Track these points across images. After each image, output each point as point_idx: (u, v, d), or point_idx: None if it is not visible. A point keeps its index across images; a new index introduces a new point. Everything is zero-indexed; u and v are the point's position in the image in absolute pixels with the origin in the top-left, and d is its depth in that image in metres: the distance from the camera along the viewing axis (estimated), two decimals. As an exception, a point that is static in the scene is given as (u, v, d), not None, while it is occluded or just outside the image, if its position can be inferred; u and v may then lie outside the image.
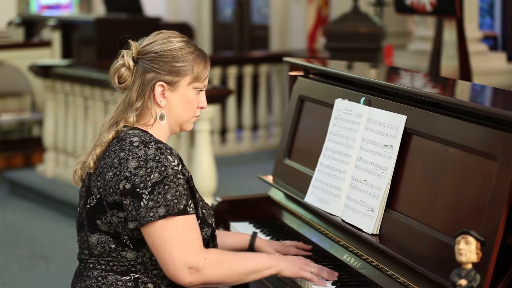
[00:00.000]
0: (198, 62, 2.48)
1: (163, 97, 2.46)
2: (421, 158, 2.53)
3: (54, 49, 8.93)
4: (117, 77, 2.49)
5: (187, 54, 2.47)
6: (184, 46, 2.48)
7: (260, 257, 2.53)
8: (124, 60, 2.48)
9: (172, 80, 2.45)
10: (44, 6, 13.78)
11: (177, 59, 2.45)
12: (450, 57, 6.59)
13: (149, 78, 2.45)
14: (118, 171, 2.34)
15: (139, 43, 2.50)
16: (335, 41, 6.93)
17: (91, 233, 2.42)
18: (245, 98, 8.29)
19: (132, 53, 2.48)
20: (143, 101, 2.45)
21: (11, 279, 5.34)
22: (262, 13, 10.58)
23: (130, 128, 2.44)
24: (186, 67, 2.46)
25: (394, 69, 3.76)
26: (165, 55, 2.45)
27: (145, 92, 2.45)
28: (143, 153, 2.34)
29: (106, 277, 2.40)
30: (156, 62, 2.45)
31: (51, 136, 7.46)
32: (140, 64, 2.47)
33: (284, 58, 3.50)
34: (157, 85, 2.44)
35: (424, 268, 2.31)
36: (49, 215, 6.83)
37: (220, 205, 3.24)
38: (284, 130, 3.32)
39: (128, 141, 2.39)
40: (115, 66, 2.49)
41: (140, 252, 2.39)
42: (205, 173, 5.83)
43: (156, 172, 2.31)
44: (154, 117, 2.46)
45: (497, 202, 2.16)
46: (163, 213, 2.30)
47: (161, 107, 2.47)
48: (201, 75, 2.49)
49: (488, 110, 2.33)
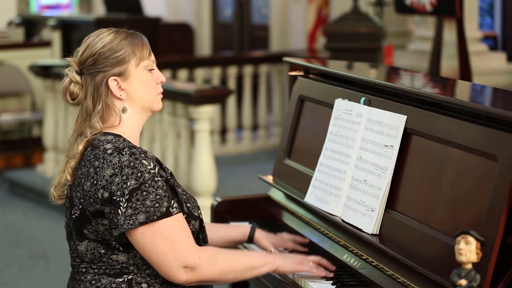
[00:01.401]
0: (135, 43, 2.47)
1: (121, 89, 2.45)
2: (421, 158, 2.53)
3: (54, 49, 8.94)
4: (69, 95, 2.49)
5: (121, 41, 2.45)
6: (115, 35, 2.47)
7: (255, 254, 2.54)
8: (69, 77, 2.49)
9: (120, 70, 2.44)
10: (44, 6, 13.77)
11: (114, 50, 2.44)
12: (450, 57, 6.58)
13: (99, 79, 2.45)
14: (95, 180, 2.34)
15: (75, 56, 2.51)
16: (335, 41, 6.93)
17: (79, 241, 2.42)
18: (245, 98, 8.29)
19: (74, 68, 2.49)
20: (103, 102, 2.44)
21: (11, 279, 5.34)
22: (262, 13, 10.57)
23: (103, 134, 2.43)
24: (126, 52, 2.44)
25: (394, 69, 3.76)
26: (102, 52, 2.44)
27: (101, 94, 2.44)
28: (117, 160, 2.33)
29: (99, 280, 2.40)
30: (98, 63, 2.44)
31: (51, 136, 7.46)
32: (85, 74, 2.47)
33: (284, 58, 3.50)
34: (110, 81, 2.44)
35: (424, 268, 2.31)
36: (49, 215, 6.83)
37: (220, 205, 3.24)
38: (284, 130, 3.32)
39: (102, 149, 2.38)
40: (64, 85, 2.50)
41: (131, 253, 2.39)
42: (205, 173, 5.83)
43: (133, 179, 2.31)
44: (119, 114, 2.46)
45: (497, 202, 2.16)
46: (143, 220, 2.30)
47: (122, 100, 2.46)
48: (143, 53, 2.47)
49: (488, 110, 2.33)
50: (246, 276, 2.49)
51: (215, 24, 11.21)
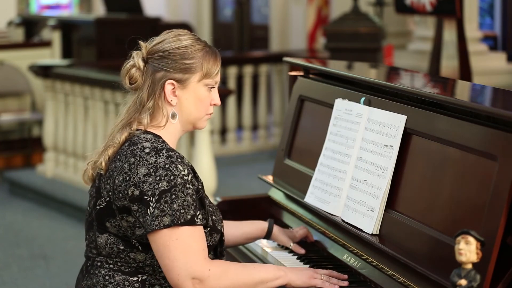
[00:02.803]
0: (208, 58, 2.47)
1: (174, 95, 2.45)
2: (421, 158, 2.53)
3: (54, 49, 8.94)
4: (128, 78, 2.48)
5: (196, 51, 2.46)
6: (193, 43, 2.47)
7: (267, 268, 2.48)
8: (134, 61, 2.47)
9: (182, 77, 2.44)
10: (44, 6, 13.78)
11: (186, 56, 2.44)
12: (450, 57, 6.59)
13: (159, 77, 2.44)
14: (128, 177, 2.33)
15: (149, 43, 2.50)
16: (335, 41, 6.93)
17: (100, 233, 2.41)
18: (245, 98, 8.29)
19: (142, 53, 2.47)
20: (154, 101, 2.44)
21: (11, 279, 5.34)
22: (262, 13, 10.58)
23: (143, 132, 2.43)
24: (196, 64, 2.44)
25: (394, 69, 3.76)
26: (174, 53, 2.44)
27: (156, 91, 2.44)
28: (154, 160, 2.33)
29: (113, 276, 2.39)
30: (165, 61, 2.44)
31: (51, 136, 7.46)
32: (150, 64, 2.46)
33: (284, 58, 3.50)
34: (167, 84, 2.43)
35: (424, 268, 2.31)
36: (49, 215, 6.83)
37: (220, 205, 3.25)
38: (284, 130, 3.32)
39: (140, 146, 2.37)
40: (126, 67, 2.49)
41: (149, 254, 2.37)
42: (205, 173, 5.83)
43: (165, 181, 2.30)
44: (166, 117, 2.45)
45: (497, 202, 2.16)
46: (168, 222, 2.28)
47: (172, 106, 2.45)
48: (211, 71, 2.47)
49: (488, 110, 2.33)
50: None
51: (215, 24, 11.22)
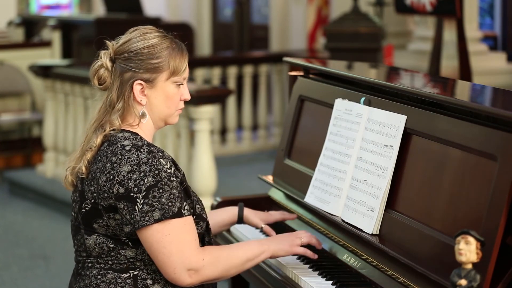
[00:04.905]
0: (174, 56, 2.46)
1: (143, 95, 2.45)
2: (421, 158, 2.53)
3: (54, 49, 8.93)
4: (96, 78, 2.49)
5: (162, 50, 2.44)
6: (159, 41, 2.45)
7: (250, 245, 2.55)
8: (102, 61, 2.47)
9: (149, 77, 2.44)
10: (44, 6, 13.78)
11: (152, 56, 2.43)
12: (450, 57, 6.58)
13: (127, 77, 2.44)
14: (111, 176, 2.34)
15: (115, 42, 2.49)
16: (335, 41, 6.93)
17: (88, 235, 2.42)
18: (245, 98, 8.29)
19: (109, 53, 2.47)
20: (124, 101, 2.45)
21: (11, 279, 5.34)
22: (262, 13, 10.57)
23: (120, 131, 2.44)
24: (162, 62, 2.44)
25: (394, 69, 3.76)
26: (140, 53, 2.43)
27: (125, 92, 2.44)
28: (136, 157, 2.34)
29: (105, 275, 2.40)
30: (132, 61, 2.43)
31: (51, 136, 7.46)
32: (117, 64, 2.46)
33: (284, 58, 3.50)
34: (135, 84, 2.44)
35: (424, 268, 2.31)
36: (49, 215, 6.83)
37: (220, 205, 3.24)
38: (284, 130, 3.32)
39: (120, 145, 2.38)
40: (94, 68, 2.49)
41: (140, 249, 2.39)
42: (205, 173, 5.83)
43: (150, 176, 2.31)
44: (138, 117, 2.46)
45: (497, 202, 2.16)
46: (159, 217, 2.31)
47: (142, 105, 2.46)
48: (178, 68, 2.46)
49: (488, 110, 2.33)
50: (246, 267, 2.52)
51: (215, 24, 11.21)
